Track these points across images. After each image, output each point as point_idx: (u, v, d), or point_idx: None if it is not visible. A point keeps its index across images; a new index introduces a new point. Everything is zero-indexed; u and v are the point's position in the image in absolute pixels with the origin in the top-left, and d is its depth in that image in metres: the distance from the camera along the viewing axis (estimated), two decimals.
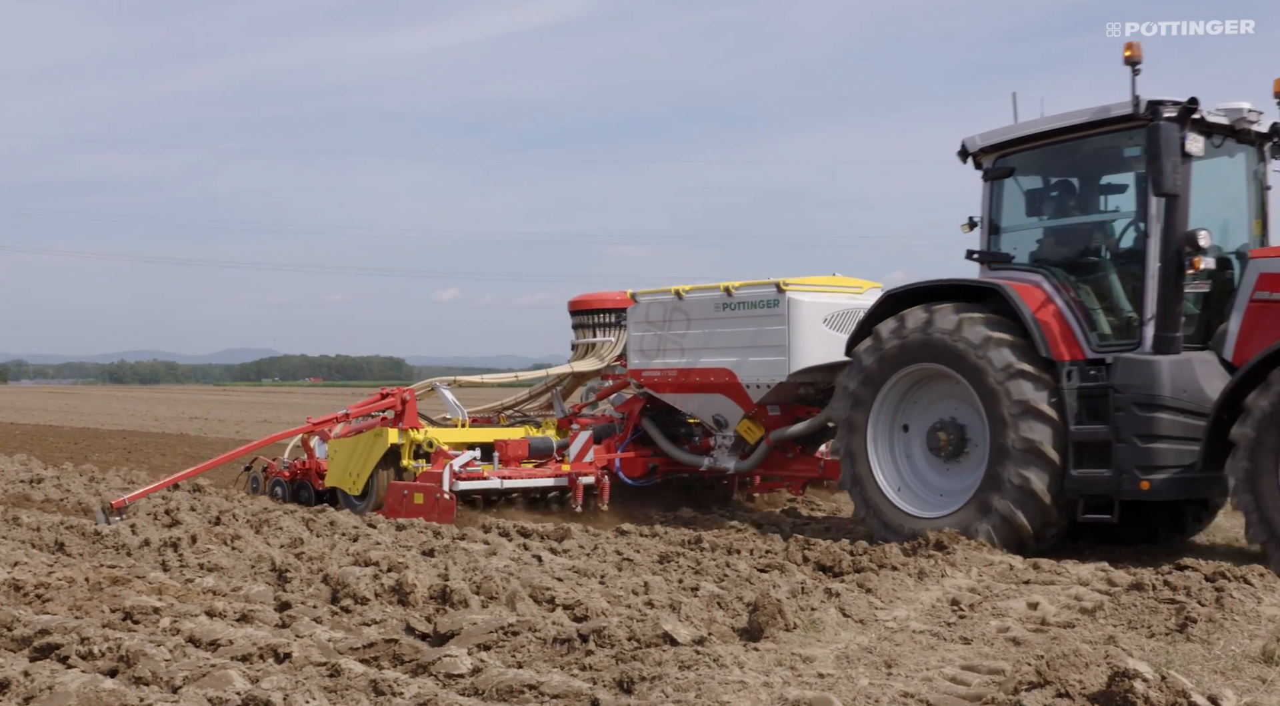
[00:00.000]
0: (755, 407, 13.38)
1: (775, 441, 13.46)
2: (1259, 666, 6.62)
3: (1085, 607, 8.22)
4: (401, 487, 13.63)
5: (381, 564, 9.11)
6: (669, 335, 14.00)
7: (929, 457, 11.62)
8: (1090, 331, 10.70)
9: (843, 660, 6.74)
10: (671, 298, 14.05)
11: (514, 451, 14.12)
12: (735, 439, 13.79)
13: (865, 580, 8.98)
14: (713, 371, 13.54)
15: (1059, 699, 5.16)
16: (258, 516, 12.85)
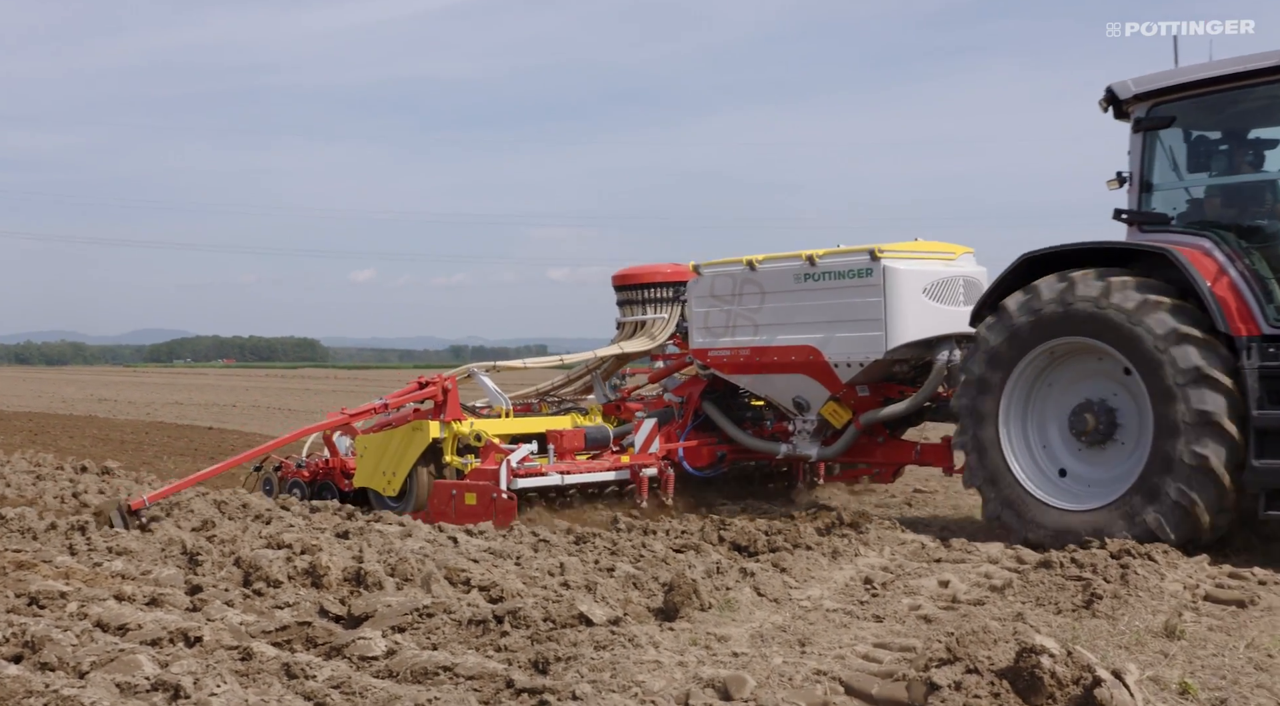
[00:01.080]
0: (843, 388, 12.20)
1: (866, 425, 12.31)
2: (1161, 641, 6.77)
3: (995, 585, 8.35)
4: (449, 487, 12.24)
5: (295, 546, 9.02)
6: (740, 310, 12.77)
7: (1070, 445, 10.38)
8: (1267, 304, 9.47)
9: (757, 639, 6.79)
10: (742, 268, 12.75)
11: (570, 443, 12.72)
12: (818, 423, 12.58)
13: (780, 559, 9.05)
14: (793, 349, 12.35)
15: (968, 675, 5.23)
16: (167, 499, 12.64)
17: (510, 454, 11.95)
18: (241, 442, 24.04)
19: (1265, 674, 6.08)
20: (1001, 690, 5.12)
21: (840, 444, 12.52)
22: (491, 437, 12.61)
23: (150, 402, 43.53)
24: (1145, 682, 5.53)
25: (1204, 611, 7.57)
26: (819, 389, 12.32)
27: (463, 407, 13.34)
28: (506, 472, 11.75)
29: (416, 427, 12.79)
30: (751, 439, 13.23)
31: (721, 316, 12.90)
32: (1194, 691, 5.64)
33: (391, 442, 12.98)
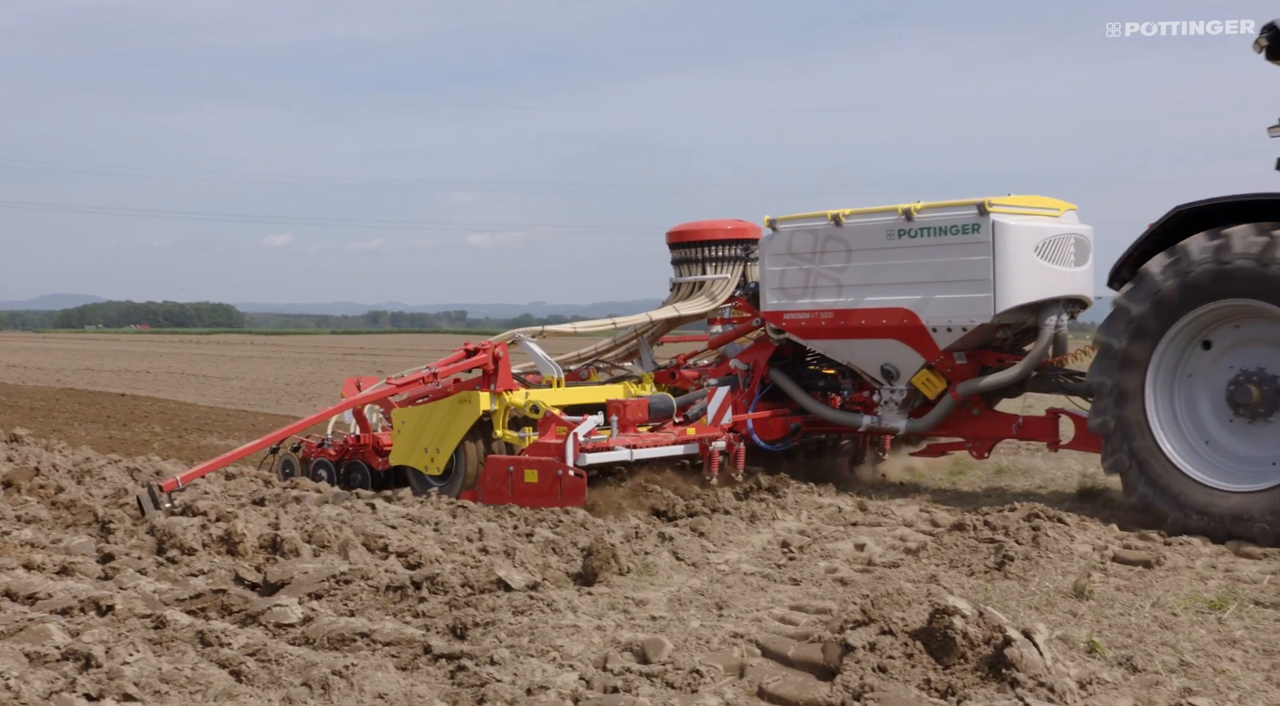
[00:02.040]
0: (940, 355, 11.14)
1: (965, 395, 11.22)
2: (1070, 601, 6.90)
3: (910, 548, 8.47)
4: (504, 464, 10.82)
5: (210, 514, 8.91)
6: (822, 269, 11.64)
7: (1225, 420, 9.54)
8: None
9: (675, 602, 6.83)
10: (826, 224, 11.63)
11: (633, 414, 11.51)
12: (908, 392, 11.55)
13: (698, 524, 9.11)
14: (885, 312, 11.29)
15: (883, 636, 5.30)
16: (79, 466, 12.43)
17: (576, 426, 10.75)
18: (156, 410, 23.72)
19: (1170, 632, 6.23)
20: (915, 651, 5.20)
21: (933, 416, 11.44)
22: (551, 408, 11.33)
23: (61, 369, 42.76)
24: (1054, 642, 5.64)
25: (1112, 572, 7.74)
26: (912, 356, 11.32)
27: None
28: (574, 447, 10.51)
29: (464, 399, 11.41)
30: (829, 410, 12.15)
31: (799, 276, 11.81)
32: (1101, 650, 5.76)
33: (434, 416, 11.62)
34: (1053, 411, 11.19)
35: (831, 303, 11.62)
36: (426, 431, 11.58)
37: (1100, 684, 5.13)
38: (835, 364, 12.22)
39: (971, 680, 4.97)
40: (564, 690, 5.16)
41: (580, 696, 5.14)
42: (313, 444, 12.93)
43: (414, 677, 5.39)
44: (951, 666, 5.11)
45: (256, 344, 77.55)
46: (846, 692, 4.98)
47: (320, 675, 5.17)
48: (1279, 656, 5.83)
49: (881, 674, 5.09)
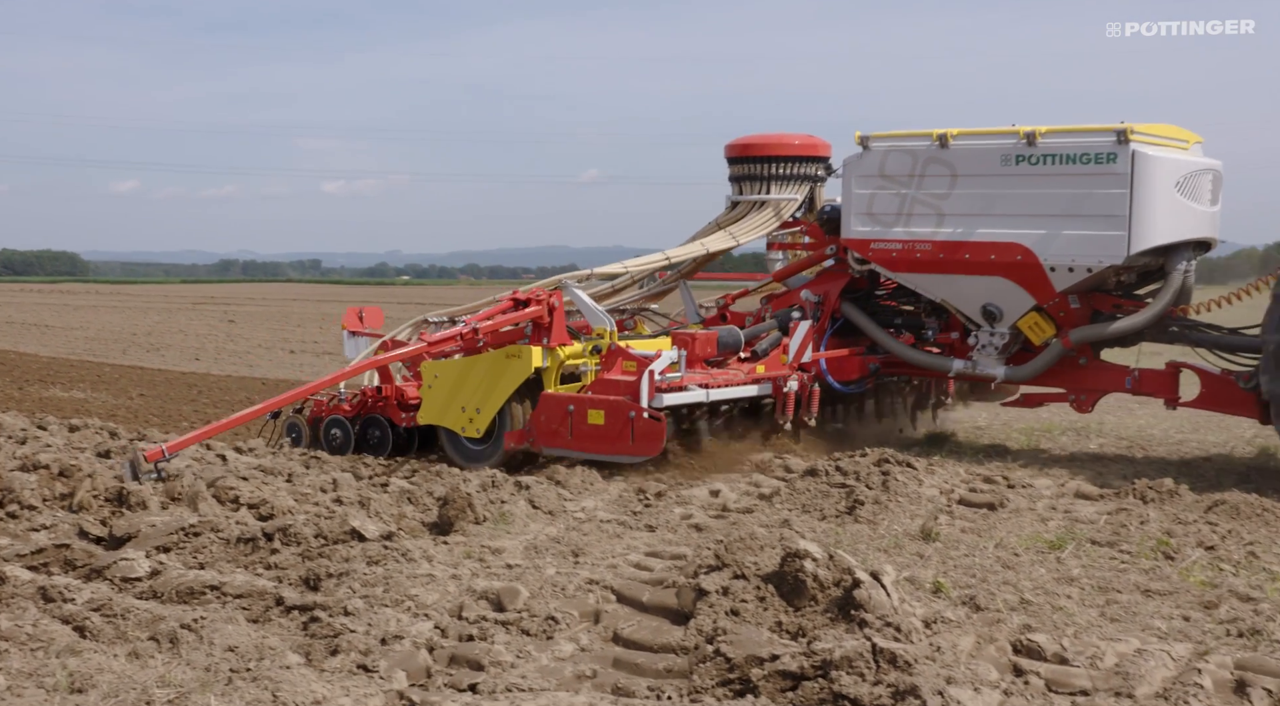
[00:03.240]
0: (1055, 297, 10.19)
1: (1077, 343, 10.31)
2: (918, 543, 7.08)
3: (763, 494, 8.59)
4: (563, 402, 9.67)
5: (52, 467, 8.65)
6: (920, 195, 10.51)
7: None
8: None
9: (531, 550, 6.84)
10: (928, 144, 10.49)
11: (702, 348, 10.35)
12: (1010, 337, 10.56)
13: (555, 473, 9.13)
14: (994, 246, 10.21)
15: (736, 580, 5.38)
16: None
17: (650, 361, 9.44)
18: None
19: (1011, 571, 6.43)
20: (767, 593, 5.29)
21: (1037, 363, 10.53)
22: (618, 342, 10.07)
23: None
24: (902, 583, 5.78)
25: (958, 514, 7.95)
26: (1021, 296, 10.30)
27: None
28: (649, 385, 9.32)
29: (513, 354, 10.08)
30: (914, 352, 11.14)
31: (892, 201, 10.66)
32: (946, 589, 5.92)
33: (474, 371, 10.24)
34: (1173, 365, 10.34)
35: (929, 232, 10.52)
36: (465, 388, 10.23)
37: (945, 622, 5.27)
38: (918, 301, 11.31)
39: (821, 621, 5.08)
40: (419, 639, 5.15)
41: (435, 645, 5.13)
42: (322, 402, 11.41)
43: (266, 630, 5.32)
44: (802, 608, 5.21)
45: (102, 293, 75.25)
46: (700, 636, 5.05)
47: (168, 629, 5.07)
48: (1113, 592, 6.06)
49: (734, 617, 5.17)
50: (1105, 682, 4.70)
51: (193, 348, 25.26)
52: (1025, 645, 5.08)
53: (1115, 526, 7.57)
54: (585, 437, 9.48)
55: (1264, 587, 6.18)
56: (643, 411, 9.21)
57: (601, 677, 4.86)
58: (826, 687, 4.39)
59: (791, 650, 4.66)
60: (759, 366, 10.46)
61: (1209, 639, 5.34)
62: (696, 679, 4.67)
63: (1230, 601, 5.91)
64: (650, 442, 9.23)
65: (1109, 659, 4.95)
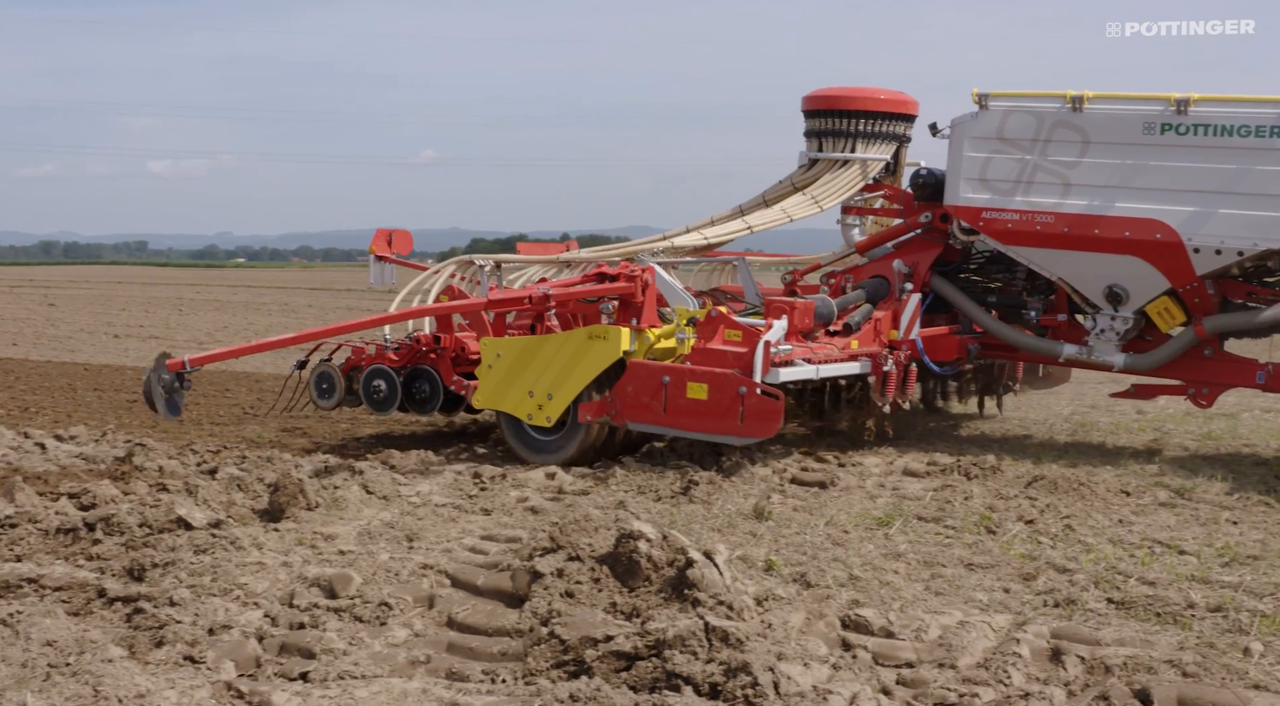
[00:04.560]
0: (1194, 281, 9.37)
1: (1212, 332, 9.60)
2: (751, 522, 7.19)
3: (599, 476, 8.62)
4: (657, 373, 8.74)
5: None
6: (1044, 162, 9.65)
7: None
8: None
9: (364, 536, 6.76)
10: (1059, 106, 9.60)
11: (801, 319, 9.24)
12: (1133, 322, 9.79)
13: (389, 457, 9.03)
14: (1129, 223, 9.37)
15: (570, 562, 5.40)
16: None
17: (764, 331, 8.61)
18: None
19: (841, 548, 6.57)
20: (601, 575, 5.32)
21: (1163, 352, 9.80)
22: (720, 310, 9.11)
23: None
24: (734, 562, 5.88)
25: (790, 493, 8.08)
26: (1154, 278, 9.51)
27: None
28: (764, 356, 8.49)
29: (597, 335, 9.04)
30: (1019, 334, 10.34)
31: (1011, 167, 9.80)
32: (778, 567, 6.03)
33: (545, 351, 9.19)
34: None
35: (1053, 203, 9.66)
36: (532, 369, 9.21)
37: (776, 599, 5.37)
38: (1012, 278, 10.55)
39: (656, 601, 5.12)
40: (248, 628, 5.05)
41: (265, 634, 5.04)
42: (361, 348, 10.28)
43: (87, 622, 5.16)
44: (637, 589, 5.24)
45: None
46: (535, 618, 5.05)
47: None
48: (938, 567, 6.24)
49: (569, 598, 5.18)
50: (930, 654, 4.84)
51: (10, 332, 24.30)
52: (853, 620, 5.19)
53: (940, 503, 7.78)
54: (682, 413, 8.65)
55: (1079, 559, 6.42)
56: (755, 387, 8.39)
57: (435, 662, 4.83)
58: (660, 667, 4.43)
59: (626, 630, 4.69)
60: (853, 341, 9.60)
61: (1027, 609, 5.54)
62: (531, 661, 4.68)
63: (1048, 573, 6.13)
64: (765, 423, 8.40)
65: (933, 631, 5.10)
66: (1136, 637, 5.08)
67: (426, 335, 9.93)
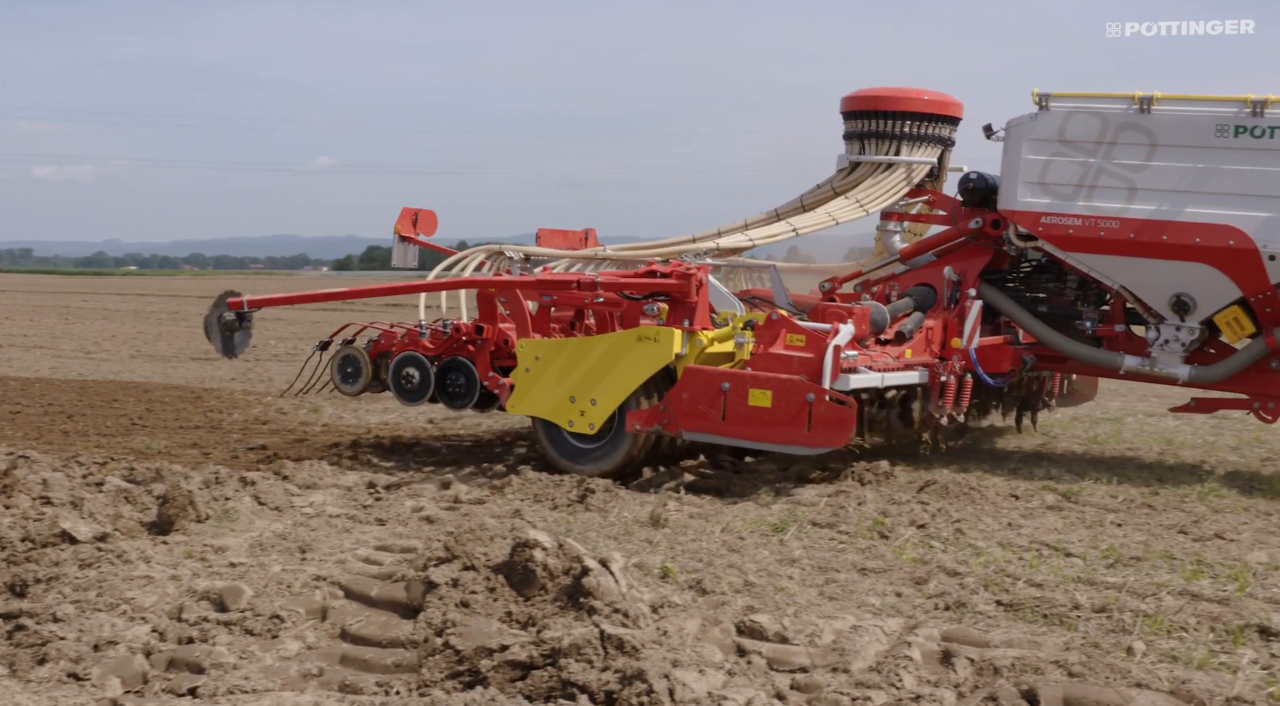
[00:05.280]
0: (1268, 290, 9.06)
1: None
2: (647, 529, 7.21)
3: (495, 485, 8.58)
4: (715, 379, 8.36)
5: None
6: (1108, 166, 9.27)
7: None
8: None
9: (256, 548, 6.65)
10: (1125, 107, 9.24)
11: (860, 326, 8.90)
12: (1198, 333, 9.45)
13: (282, 468, 8.91)
14: (1201, 229, 9.00)
15: (466, 571, 5.36)
16: None
17: (830, 335, 8.30)
18: None
19: (737, 554, 6.61)
20: (497, 584, 5.29)
21: (1232, 363, 9.48)
22: (780, 313, 8.79)
23: None
24: (630, 569, 5.88)
25: (686, 500, 8.11)
26: (1224, 287, 9.16)
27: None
28: (833, 361, 8.16)
29: (646, 337, 8.62)
30: (1077, 345, 9.97)
31: (1073, 170, 9.42)
32: (673, 573, 6.05)
33: (590, 354, 8.81)
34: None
35: (1118, 209, 9.26)
36: (574, 373, 8.81)
37: (671, 606, 5.38)
38: (1063, 286, 10.23)
39: (551, 610, 5.10)
40: (135, 643, 4.95)
41: (153, 649, 4.94)
42: (393, 333, 9.78)
43: None
44: (532, 598, 5.23)
45: None
46: (429, 629, 5.01)
47: None
48: (832, 572, 6.30)
49: (464, 608, 5.15)
50: (823, 659, 4.88)
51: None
52: (748, 626, 5.22)
53: (835, 508, 7.86)
54: (744, 422, 8.25)
55: (969, 562, 6.53)
56: (825, 394, 8.07)
57: (328, 675, 4.77)
58: (555, 676, 4.43)
59: (521, 639, 4.67)
60: (906, 350, 9.27)
61: (919, 613, 5.61)
62: (425, 672, 4.64)
63: (939, 576, 6.23)
64: (836, 432, 8.05)
65: (827, 636, 5.15)
66: (1024, 639, 5.18)
67: (468, 324, 9.49)
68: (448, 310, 10.09)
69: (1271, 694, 4.61)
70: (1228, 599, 5.85)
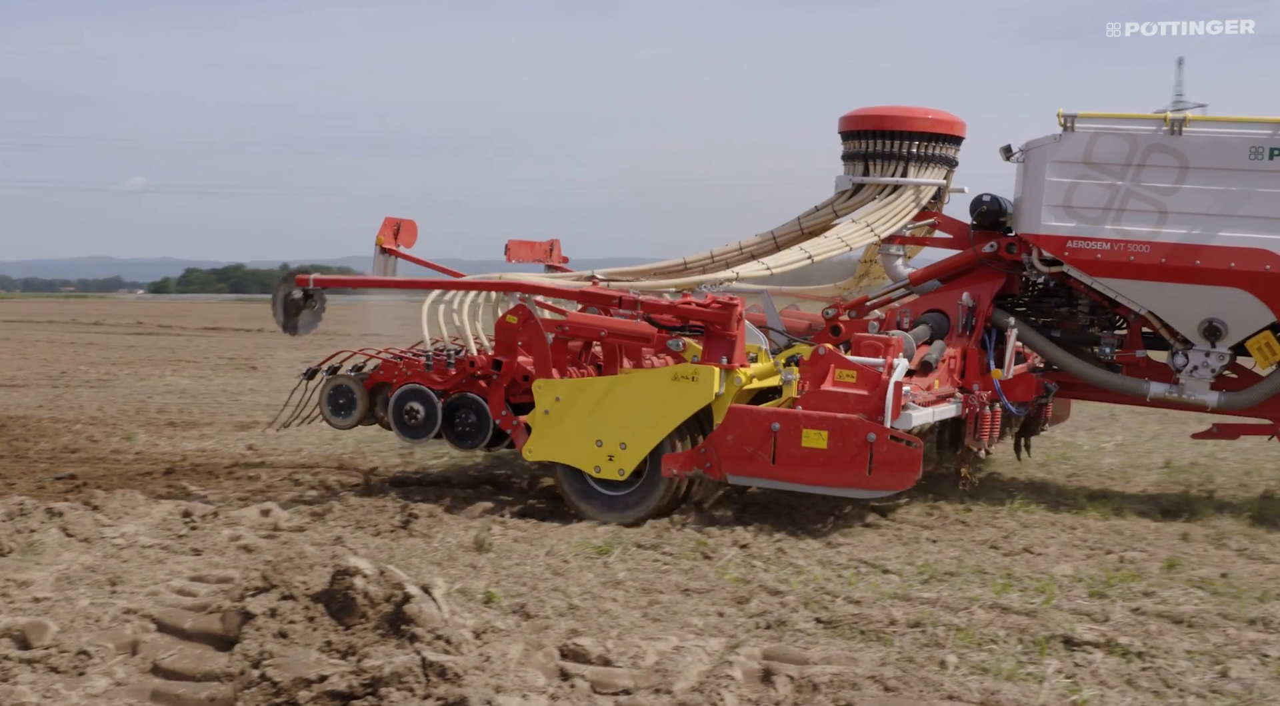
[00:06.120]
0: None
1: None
2: (471, 554, 7.16)
3: (316, 512, 8.43)
4: (764, 419, 7.87)
5: None
6: (1137, 189, 9.04)
7: None
8: None
9: (63, 581, 6.41)
10: (1154, 130, 9.05)
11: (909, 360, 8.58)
12: (1227, 359, 9.33)
13: (92, 497, 8.61)
14: (1235, 253, 8.84)
15: (284, 601, 5.25)
16: None
17: (886, 371, 7.92)
18: None
19: (561, 578, 6.61)
20: (316, 613, 5.19)
21: (1261, 390, 9.33)
22: (827, 347, 8.30)
23: None
24: (453, 595, 5.84)
25: (511, 524, 8.07)
26: (1258, 312, 9.02)
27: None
28: (894, 398, 7.73)
29: (684, 375, 8.03)
30: (1102, 372, 9.73)
31: (1099, 193, 9.15)
32: (497, 599, 6.02)
33: (619, 394, 8.19)
34: None
35: (1148, 232, 9.05)
36: (600, 414, 8.20)
37: (495, 632, 5.35)
38: (1074, 310, 9.97)
39: (372, 638, 5.03)
40: None
41: None
42: (394, 363, 9.01)
43: None
44: (353, 626, 5.14)
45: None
46: (246, 661, 4.88)
47: None
48: (655, 593, 6.35)
49: (282, 639, 5.03)
50: (646, 680, 4.91)
51: None
52: (572, 649, 5.22)
53: (659, 529, 7.91)
54: (797, 464, 7.79)
55: (790, 581, 6.64)
56: (887, 433, 7.66)
57: None
58: (376, 705, 4.36)
59: (341, 669, 4.59)
60: (934, 381, 8.85)
61: (740, 632, 5.69)
62: (241, 705, 4.53)
63: (760, 595, 6.32)
64: (902, 473, 7.66)
65: (650, 657, 5.17)
66: (842, 655, 5.29)
67: (485, 356, 8.78)
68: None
69: (1075, 702, 4.79)
70: (1035, 611, 6.06)
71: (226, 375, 20.53)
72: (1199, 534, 8.16)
